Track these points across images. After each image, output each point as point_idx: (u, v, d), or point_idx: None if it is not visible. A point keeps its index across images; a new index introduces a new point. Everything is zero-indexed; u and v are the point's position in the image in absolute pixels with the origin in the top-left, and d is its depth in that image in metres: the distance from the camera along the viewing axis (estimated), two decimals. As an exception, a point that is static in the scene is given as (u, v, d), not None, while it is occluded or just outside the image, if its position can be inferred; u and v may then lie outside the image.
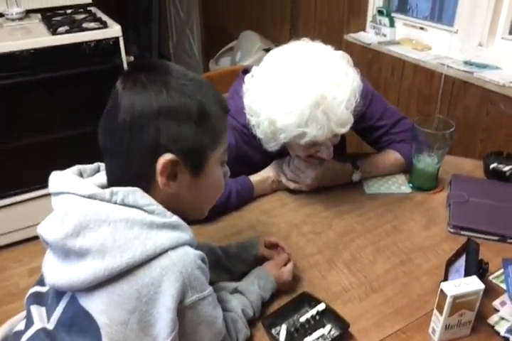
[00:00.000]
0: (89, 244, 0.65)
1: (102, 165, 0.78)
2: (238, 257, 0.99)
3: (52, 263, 0.70)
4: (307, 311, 0.89)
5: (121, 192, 0.68)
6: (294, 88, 1.05)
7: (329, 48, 1.14)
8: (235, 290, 0.90)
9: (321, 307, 0.88)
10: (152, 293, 0.65)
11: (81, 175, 0.77)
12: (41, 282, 0.79)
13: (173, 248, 0.67)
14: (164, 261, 0.66)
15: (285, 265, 0.97)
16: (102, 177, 0.76)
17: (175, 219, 0.71)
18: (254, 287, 0.90)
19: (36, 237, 2.25)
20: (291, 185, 1.29)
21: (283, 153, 1.24)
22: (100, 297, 0.65)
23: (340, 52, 1.13)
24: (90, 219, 0.65)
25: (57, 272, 0.68)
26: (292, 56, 1.12)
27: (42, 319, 0.74)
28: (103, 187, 0.70)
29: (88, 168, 0.79)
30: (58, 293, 0.72)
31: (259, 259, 1.00)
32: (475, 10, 1.84)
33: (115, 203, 0.68)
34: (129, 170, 0.71)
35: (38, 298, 0.78)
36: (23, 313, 0.80)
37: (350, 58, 1.14)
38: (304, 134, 1.07)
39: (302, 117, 1.04)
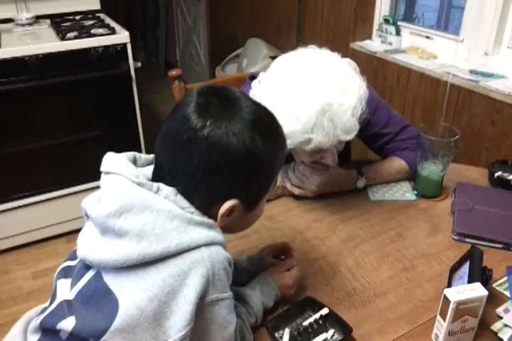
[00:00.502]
0: (128, 226, 0.66)
1: None
2: (249, 272, 0.99)
3: (89, 237, 0.72)
4: (310, 315, 0.89)
5: (165, 190, 0.70)
6: (301, 95, 1.06)
7: (336, 55, 1.14)
8: (237, 295, 0.89)
9: (325, 311, 0.89)
10: (176, 284, 0.66)
11: (135, 161, 0.79)
12: (72, 257, 0.80)
13: (207, 245, 0.69)
14: (195, 255, 0.68)
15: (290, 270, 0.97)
16: (151, 171, 0.77)
17: (212, 220, 0.73)
18: (255, 292, 0.91)
19: (41, 240, 2.27)
20: (296, 191, 1.29)
21: (288, 159, 1.25)
22: (128, 279, 0.67)
23: (347, 60, 1.14)
24: (135, 203, 0.67)
25: (92, 246, 0.70)
26: (299, 63, 1.13)
27: (65, 290, 0.76)
28: (150, 181, 0.72)
29: (144, 157, 0.81)
30: (86, 266, 0.73)
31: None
32: (481, 19, 1.85)
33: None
34: (188, 196, 0.72)
35: (66, 272, 0.79)
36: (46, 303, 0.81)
37: (357, 66, 1.15)
38: (310, 140, 1.08)
39: (308, 124, 1.05)
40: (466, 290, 0.83)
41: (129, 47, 2.32)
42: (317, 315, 0.89)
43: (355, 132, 1.10)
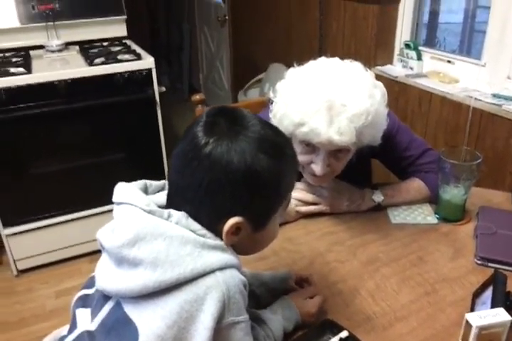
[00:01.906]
0: (143, 255, 0.67)
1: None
2: (268, 286, 0.99)
3: (106, 268, 0.72)
4: (329, 338, 0.88)
5: (176, 215, 0.71)
6: (316, 85, 1.10)
7: (371, 74, 1.18)
8: (257, 318, 0.89)
9: (344, 334, 0.88)
10: (194, 310, 0.66)
11: (146, 189, 0.80)
12: (88, 285, 0.81)
13: (221, 269, 0.69)
14: (210, 280, 0.68)
15: (312, 298, 0.97)
16: (163, 197, 0.79)
17: (224, 243, 0.73)
18: (277, 316, 0.90)
19: (64, 260, 2.30)
20: (312, 208, 1.30)
21: None
22: (146, 307, 0.67)
23: (380, 84, 1.17)
24: (147, 231, 0.68)
25: (108, 277, 0.71)
26: (328, 65, 1.17)
27: (86, 320, 0.76)
28: (161, 207, 0.73)
29: (154, 184, 0.82)
30: (105, 296, 0.74)
31: (288, 292, 0.99)
32: (503, 43, 1.86)
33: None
34: (195, 215, 0.73)
35: (85, 301, 0.80)
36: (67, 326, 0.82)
37: (386, 94, 1.17)
38: (304, 123, 1.09)
39: (309, 108, 1.08)
40: (489, 315, 0.82)
41: (153, 72, 2.38)
42: (336, 339, 0.88)
43: (348, 140, 1.09)
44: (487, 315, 0.82)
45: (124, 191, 0.75)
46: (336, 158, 1.17)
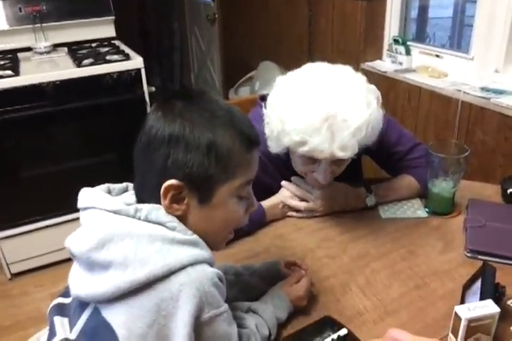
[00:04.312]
0: (112, 257, 0.67)
1: (131, 185, 0.82)
2: (260, 274, 1.00)
3: (78, 275, 0.72)
4: (329, 335, 0.88)
5: (145, 209, 0.71)
6: (312, 99, 1.08)
7: (363, 78, 1.15)
8: (249, 310, 0.90)
9: (343, 332, 0.87)
10: (171, 308, 0.66)
11: (109, 192, 0.80)
12: (64, 294, 0.81)
13: (192, 264, 0.69)
14: (182, 277, 0.67)
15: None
16: (128, 197, 0.79)
17: (195, 237, 0.73)
18: (267, 306, 0.91)
19: (57, 263, 2.28)
20: (303, 214, 1.30)
21: (288, 167, 1.26)
22: (121, 309, 0.67)
23: (373, 87, 1.15)
24: (114, 232, 0.68)
25: (82, 283, 0.71)
26: (320, 74, 1.14)
27: (65, 329, 0.76)
28: (128, 205, 0.73)
29: (117, 187, 0.82)
30: (82, 304, 0.73)
31: (280, 278, 1.00)
32: (491, 37, 1.86)
33: (139, 219, 0.70)
34: (145, 188, 0.75)
35: (61, 309, 0.80)
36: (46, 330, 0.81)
37: (380, 96, 1.16)
38: (305, 142, 1.08)
39: (309, 126, 1.06)
40: (478, 307, 0.82)
41: (143, 72, 2.37)
42: (335, 336, 0.87)
43: (351, 153, 1.09)
44: (476, 307, 0.81)
45: (88, 196, 0.75)
46: (337, 164, 1.18)
